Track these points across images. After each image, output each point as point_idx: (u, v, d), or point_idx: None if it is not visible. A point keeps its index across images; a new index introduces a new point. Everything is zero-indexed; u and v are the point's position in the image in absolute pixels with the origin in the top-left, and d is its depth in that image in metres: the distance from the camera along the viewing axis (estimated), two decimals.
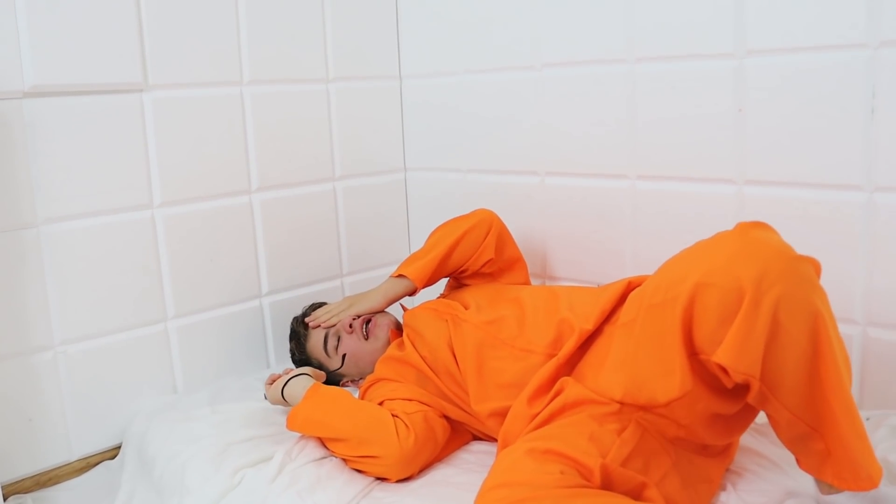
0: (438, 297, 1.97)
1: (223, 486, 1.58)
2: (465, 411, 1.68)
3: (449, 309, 1.77)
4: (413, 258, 1.95)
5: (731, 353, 1.19)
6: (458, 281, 2.03)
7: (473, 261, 1.95)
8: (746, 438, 1.62)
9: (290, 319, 2.08)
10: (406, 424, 1.58)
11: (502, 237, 2.01)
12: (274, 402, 1.83)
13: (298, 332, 2.00)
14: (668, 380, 1.29)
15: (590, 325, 1.51)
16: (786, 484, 1.46)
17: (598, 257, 2.10)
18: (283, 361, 2.23)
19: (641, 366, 1.33)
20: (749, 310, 1.17)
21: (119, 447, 1.94)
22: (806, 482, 1.44)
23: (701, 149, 1.87)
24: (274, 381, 1.85)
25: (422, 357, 1.74)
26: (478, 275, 1.99)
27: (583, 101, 2.05)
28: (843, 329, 1.32)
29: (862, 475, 1.24)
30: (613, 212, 2.05)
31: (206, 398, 1.97)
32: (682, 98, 1.88)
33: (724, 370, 1.23)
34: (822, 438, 1.24)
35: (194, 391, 2.03)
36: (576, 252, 2.16)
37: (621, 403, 1.36)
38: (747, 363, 1.19)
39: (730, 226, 1.30)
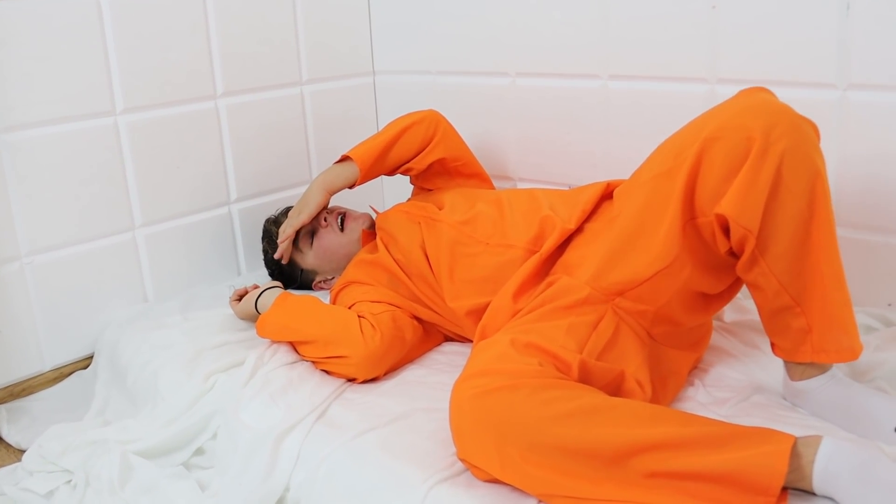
0: (409, 200, 1.96)
1: (196, 391, 1.59)
2: (437, 313, 1.69)
3: (422, 211, 1.76)
4: (357, 145, 1.90)
5: (734, 201, 1.21)
6: (420, 186, 2.02)
7: (419, 159, 1.91)
8: (715, 337, 1.64)
9: (261, 226, 2.07)
10: (372, 325, 1.59)
11: (452, 140, 1.97)
12: (244, 317, 1.83)
13: (271, 231, 1.99)
14: (654, 249, 1.31)
15: (572, 225, 1.51)
16: (752, 379, 1.49)
17: (569, 158, 2.09)
18: (254, 268, 2.22)
19: (629, 244, 1.34)
20: (756, 159, 1.19)
21: (91, 357, 1.95)
22: (772, 380, 1.47)
23: (674, 47, 1.84)
24: (241, 296, 1.85)
25: (395, 260, 1.74)
26: (429, 178, 1.98)
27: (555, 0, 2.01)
28: None
29: (845, 346, 1.26)
30: (585, 112, 2.03)
31: (177, 306, 1.96)
32: None
33: (724, 230, 1.24)
34: (803, 314, 1.26)
35: (165, 300, 2.03)
36: (547, 154, 2.14)
37: (600, 289, 1.37)
38: (748, 214, 1.20)
39: None
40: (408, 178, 2.04)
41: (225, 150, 2.14)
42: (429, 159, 1.92)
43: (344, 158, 1.88)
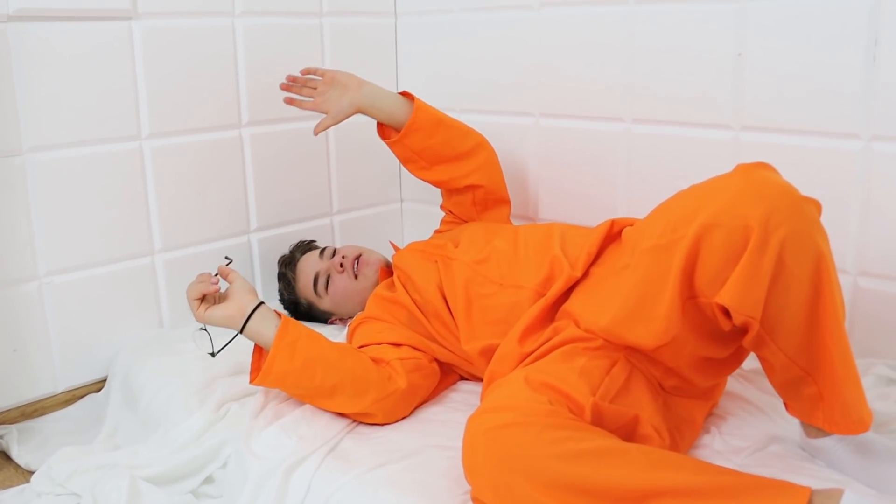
0: (430, 238, 1.96)
1: (208, 419, 1.59)
2: (453, 352, 1.68)
3: (438, 250, 1.76)
4: None
5: (735, 293, 1.18)
6: (449, 210, 2.03)
7: (463, 172, 1.92)
8: (732, 384, 1.63)
9: (278, 257, 2.07)
10: (392, 374, 1.55)
11: (498, 171, 2.00)
12: (220, 324, 1.54)
13: (286, 273, 1.99)
14: (655, 325, 1.28)
15: (577, 273, 1.50)
16: (770, 429, 1.47)
17: (591, 200, 2.09)
18: (272, 297, 2.21)
19: (630, 311, 1.32)
20: (755, 249, 1.15)
21: (105, 380, 1.94)
22: (790, 428, 1.45)
23: (699, 93, 1.84)
24: (205, 295, 1.54)
25: (412, 300, 1.73)
26: (459, 204, 1.98)
27: (581, 43, 2.02)
28: None
29: (854, 419, 1.24)
30: (608, 155, 2.03)
31: (191, 333, 1.95)
32: (681, 42, 1.84)
33: (726, 312, 1.22)
34: (815, 382, 1.24)
35: (180, 326, 2.02)
36: (569, 195, 2.14)
37: (609, 341, 1.37)
38: (750, 304, 1.18)
39: (726, 171, 1.28)
40: (436, 210, 2.04)
41: (247, 179, 2.15)
42: (469, 180, 1.92)
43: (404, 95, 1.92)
